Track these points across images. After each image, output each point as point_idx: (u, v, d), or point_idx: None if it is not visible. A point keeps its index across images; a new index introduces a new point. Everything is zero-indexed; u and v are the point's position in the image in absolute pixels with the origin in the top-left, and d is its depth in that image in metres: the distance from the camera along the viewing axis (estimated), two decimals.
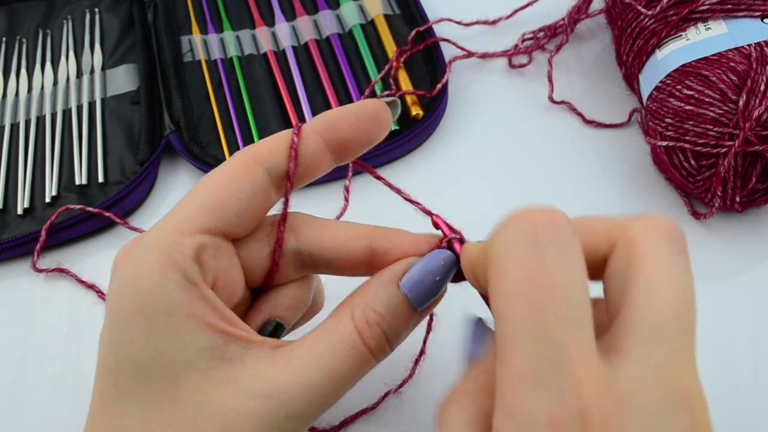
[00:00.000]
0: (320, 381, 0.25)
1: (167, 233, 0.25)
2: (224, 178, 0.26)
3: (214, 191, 0.26)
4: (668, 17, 0.43)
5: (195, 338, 0.24)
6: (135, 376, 0.24)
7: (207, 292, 0.25)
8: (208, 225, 0.25)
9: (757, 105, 0.38)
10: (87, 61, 0.53)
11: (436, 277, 0.27)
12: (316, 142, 0.27)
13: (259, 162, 0.26)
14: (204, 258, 0.25)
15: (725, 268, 0.42)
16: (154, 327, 0.24)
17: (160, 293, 0.24)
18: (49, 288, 0.44)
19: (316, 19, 0.54)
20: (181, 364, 0.24)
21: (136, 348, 0.24)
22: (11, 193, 0.46)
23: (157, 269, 0.24)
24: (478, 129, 0.49)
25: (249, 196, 0.26)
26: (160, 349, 0.24)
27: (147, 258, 0.24)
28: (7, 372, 0.40)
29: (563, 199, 0.45)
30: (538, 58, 0.52)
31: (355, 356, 0.25)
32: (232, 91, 0.50)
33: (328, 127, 0.27)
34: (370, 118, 0.27)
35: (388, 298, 0.26)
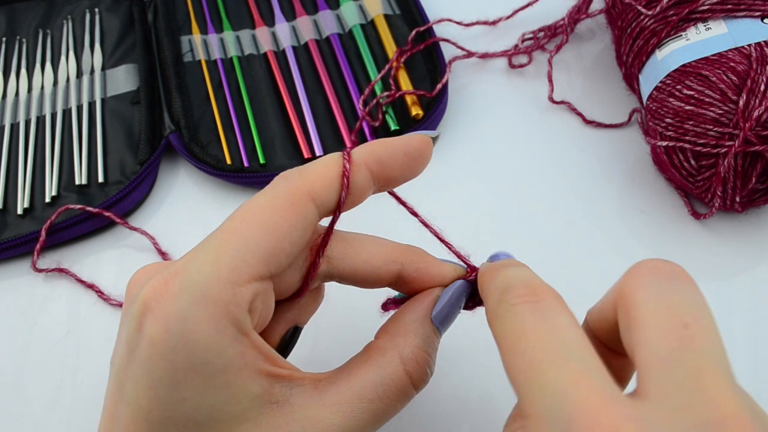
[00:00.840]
0: (368, 422, 0.26)
1: (222, 284, 0.23)
2: (277, 217, 0.24)
3: (268, 232, 0.24)
4: (668, 17, 0.43)
5: (248, 389, 0.24)
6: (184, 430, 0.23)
7: (256, 339, 0.24)
8: (261, 272, 0.24)
9: (757, 105, 0.38)
10: (87, 61, 0.53)
11: (458, 306, 0.29)
12: (365, 176, 0.27)
13: (311, 198, 0.25)
14: (255, 305, 0.24)
15: (725, 268, 0.42)
16: (209, 385, 0.23)
17: (216, 351, 0.23)
18: (49, 288, 0.44)
19: (316, 19, 0.54)
20: (235, 417, 0.24)
21: (189, 407, 0.23)
22: (11, 193, 0.46)
23: (213, 326, 0.23)
24: (478, 129, 0.49)
25: (301, 237, 0.25)
26: (215, 406, 0.23)
27: (202, 313, 0.23)
28: (7, 372, 0.40)
29: (563, 199, 0.45)
30: (538, 58, 0.52)
31: (403, 396, 0.26)
32: (232, 91, 0.50)
33: (379, 163, 0.27)
34: (417, 156, 0.28)
35: (428, 335, 0.27)
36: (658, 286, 0.22)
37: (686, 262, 0.42)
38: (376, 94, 0.49)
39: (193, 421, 0.23)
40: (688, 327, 0.20)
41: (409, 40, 0.50)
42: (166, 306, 0.23)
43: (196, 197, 0.47)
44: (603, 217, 0.44)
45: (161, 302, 0.23)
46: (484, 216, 0.45)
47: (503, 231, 0.44)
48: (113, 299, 0.42)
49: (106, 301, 0.42)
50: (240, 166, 0.46)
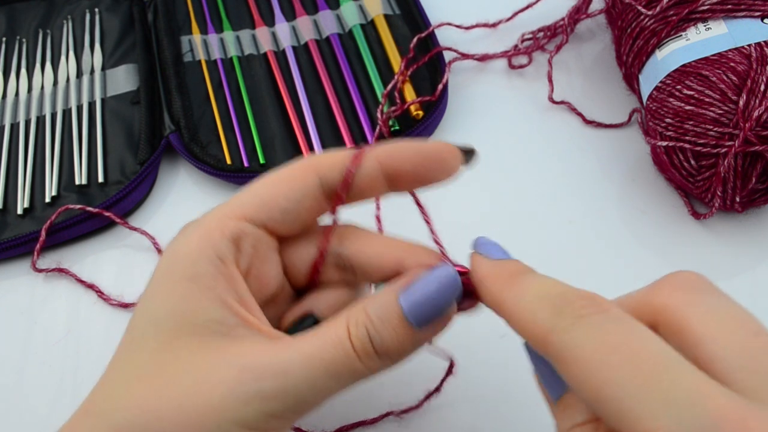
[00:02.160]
0: (300, 364, 0.25)
1: (215, 215, 0.27)
2: (279, 178, 0.28)
3: (267, 187, 0.28)
4: (668, 17, 0.43)
5: (207, 308, 0.26)
6: (147, 328, 0.26)
7: (233, 273, 0.27)
8: (252, 215, 0.27)
9: (757, 105, 0.38)
10: (87, 61, 0.53)
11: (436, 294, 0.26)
12: (372, 166, 0.28)
13: (314, 171, 0.28)
14: (242, 244, 0.27)
15: (725, 268, 0.42)
16: (175, 289, 0.26)
17: (189, 261, 0.26)
18: (49, 288, 0.44)
19: (316, 19, 0.54)
20: (187, 327, 0.25)
21: (155, 304, 0.26)
22: (11, 193, 0.46)
23: (195, 241, 0.26)
24: (478, 129, 0.49)
25: (297, 198, 0.28)
26: (173, 310, 0.26)
27: (191, 231, 0.27)
28: (7, 372, 0.40)
29: (563, 199, 0.45)
30: (538, 58, 0.52)
31: (339, 349, 0.25)
32: (232, 91, 0.50)
33: (387, 155, 0.28)
34: (430, 156, 0.28)
35: (381, 303, 0.26)
36: (708, 301, 0.22)
37: (686, 262, 0.42)
38: (378, 99, 0.49)
39: (153, 318, 0.26)
40: (759, 335, 0.21)
41: (411, 47, 0.50)
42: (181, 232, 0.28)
43: (196, 197, 0.47)
44: (603, 217, 0.44)
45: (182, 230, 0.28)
46: (484, 216, 0.45)
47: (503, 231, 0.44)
48: (113, 299, 0.42)
49: (106, 301, 0.42)
50: (240, 166, 0.46)
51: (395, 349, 0.26)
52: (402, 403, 0.37)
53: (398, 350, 0.26)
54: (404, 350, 0.26)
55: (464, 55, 0.51)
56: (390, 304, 0.26)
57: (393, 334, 0.26)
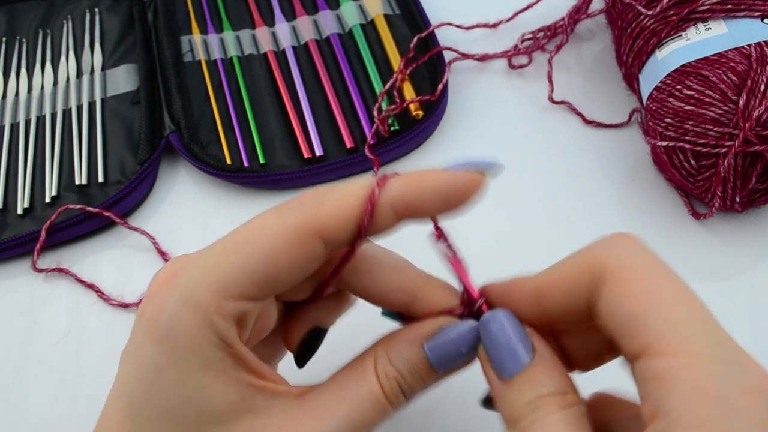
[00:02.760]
0: (342, 429, 0.25)
1: (208, 294, 0.24)
2: (277, 247, 0.24)
3: (265, 259, 0.24)
4: (668, 17, 0.43)
5: (225, 393, 0.24)
6: (162, 421, 0.24)
7: (241, 350, 0.25)
8: (252, 294, 0.24)
9: (757, 105, 0.38)
10: (87, 61, 0.53)
11: (461, 348, 0.26)
12: (387, 218, 0.25)
13: (320, 236, 0.24)
14: (246, 321, 0.25)
15: (725, 268, 0.42)
16: (187, 380, 0.24)
17: (195, 351, 0.24)
18: (49, 288, 0.44)
19: (316, 19, 0.54)
20: (210, 417, 0.24)
21: (167, 397, 0.24)
22: (11, 193, 0.46)
23: (195, 328, 0.24)
24: (478, 129, 0.49)
25: (301, 271, 0.25)
26: (191, 401, 0.24)
27: (185, 314, 0.24)
28: (7, 372, 0.40)
29: (563, 199, 0.45)
30: (538, 58, 0.52)
31: (377, 406, 0.26)
32: (232, 91, 0.50)
33: (407, 206, 0.24)
34: (458, 198, 0.24)
35: (409, 357, 0.26)
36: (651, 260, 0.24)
37: (686, 262, 0.42)
38: (377, 97, 0.49)
39: (169, 410, 0.24)
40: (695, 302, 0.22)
41: (411, 47, 0.50)
42: (162, 299, 0.24)
43: (196, 197, 0.47)
44: (603, 217, 0.44)
45: (160, 294, 0.25)
46: (484, 215, 0.45)
47: (503, 230, 0.44)
48: (113, 299, 0.42)
49: (106, 301, 0.42)
50: (240, 166, 0.46)
51: (422, 392, 0.27)
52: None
53: (424, 392, 0.27)
54: (428, 389, 0.27)
55: (464, 55, 0.51)
56: (418, 357, 0.26)
57: (421, 382, 0.26)
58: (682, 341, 0.20)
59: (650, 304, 0.21)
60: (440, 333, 0.26)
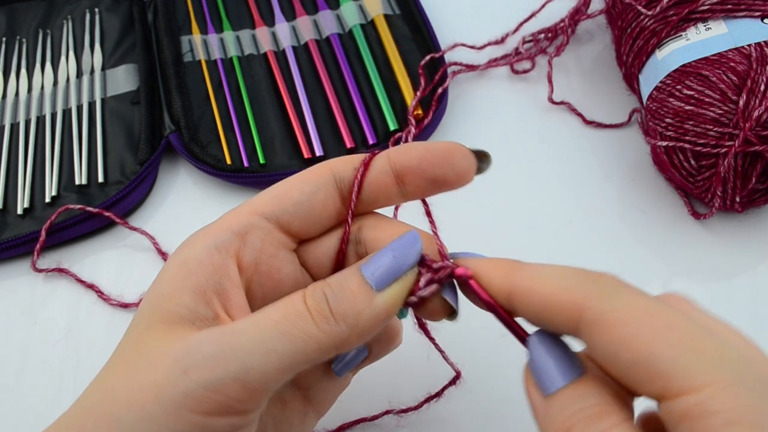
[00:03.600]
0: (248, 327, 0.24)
1: (232, 211, 0.28)
2: (295, 177, 0.29)
3: (282, 184, 0.29)
4: (668, 17, 0.43)
5: (182, 295, 0.26)
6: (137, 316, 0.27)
7: (225, 262, 0.27)
8: (263, 208, 0.28)
9: (757, 105, 0.38)
10: (87, 61, 0.53)
11: (391, 253, 0.26)
12: (382, 163, 0.28)
13: (329, 168, 0.28)
14: (250, 237, 0.27)
15: (725, 268, 0.42)
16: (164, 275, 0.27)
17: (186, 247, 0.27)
18: (49, 288, 0.44)
19: (316, 19, 0.54)
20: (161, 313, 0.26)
21: (148, 292, 0.27)
22: (11, 193, 0.46)
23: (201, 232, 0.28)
24: (478, 130, 0.49)
25: (311, 190, 0.28)
26: (157, 296, 0.27)
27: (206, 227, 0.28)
28: (7, 372, 0.40)
29: (563, 199, 0.45)
30: (539, 60, 0.52)
31: (290, 309, 0.25)
32: (232, 91, 0.50)
33: (397, 152, 0.28)
34: (439, 155, 0.28)
35: (343, 272, 0.26)
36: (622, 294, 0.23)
37: (686, 262, 0.42)
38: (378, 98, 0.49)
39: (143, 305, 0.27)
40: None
41: (420, 65, 0.49)
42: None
43: (196, 197, 0.47)
44: (603, 217, 0.44)
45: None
46: (484, 216, 0.45)
47: (503, 230, 0.44)
48: (113, 299, 0.42)
49: (106, 301, 0.42)
50: (240, 166, 0.46)
51: (352, 311, 0.25)
52: (402, 403, 0.37)
53: (355, 313, 0.25)
54: (361, 315, 0.25)
55: (469, 67, 0.51)
56: (351, 270, 0.26)
57: (350, 295, 0.25)
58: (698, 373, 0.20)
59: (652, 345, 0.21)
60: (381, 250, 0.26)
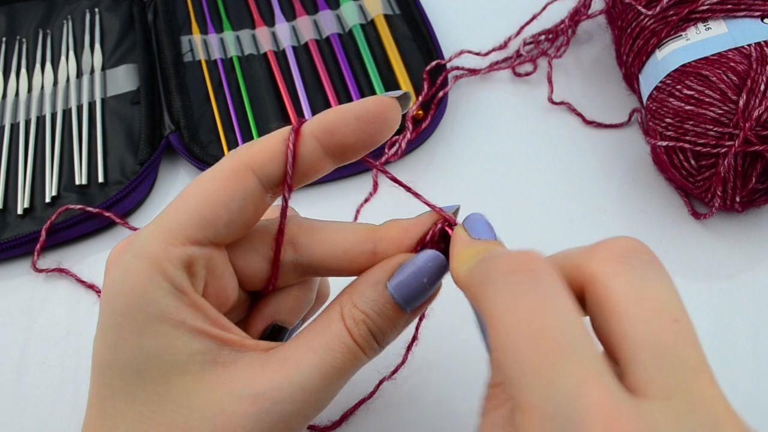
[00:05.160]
0: (314, 378, 0.25)
1: (156, 242, 0.25)
2: (214, 187, 0.25)
3: (204, 200, 0.25)
4: (668, 17, 0.43)
5: (186, 343, 0.24)
6: (128, 377, 0.25)
7: (197, 300, 0.25)
8: (197, 236, 0.25)
9: (757, 105, 0.38)
10: (87, 61, 0.53)
11: (423, 279, 0.26)
12: (313, 147, 0.26)
13: (251, 169, 0.25)
14: (195, 268, 0.25)
15: (725, 268, 0.42)
16: (145, 332, 0.24)
17: (149, 300, 0.24)
18: (49, 288, 0.44)
19: (316, 19, 0.54)
20: (173, 367, 0.24)
21: (128, 351, 0.25)
22: (11, 193, 0.46)
23: (146, 277, 0.24)
24: (479, 130, 0.49)
25: (240, 206, 0.25)
26: (152, 353, 0.24)
27: (136, 265, 0.25)
28: (7, 372, 0.40)
29: (563, 200, 0.45)
30: (539, 61, 0.52)
31: (347, 352, 0.25)
32: (232, 91, 0.50)
33: (327, 132, 0.26)
34: (373, 119, 0.26)
35: (374, 298, 0.26)
36: (635, 274, 0.21)
37: (686, 262, 0.42)
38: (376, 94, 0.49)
39: (133, 366, 0.24)
40: (678, 322, 0.20)
41: (426, 70, 0.49)
42: (117, 260, 0.26)
43: None
44: (603, 217, 0.44)
45: (116, 257, 0.26)
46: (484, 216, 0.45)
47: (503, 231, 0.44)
48: None
49: None
50: None
51: (392, 334, 0.27)
52: (389, 365, 0.37)
53: (394, 334, 0.27)
54: (398, 332, 0.27)
55: (471, 71, 0.51)
56: (382, 296, 0.26)
57: (391, 324, 0.26)
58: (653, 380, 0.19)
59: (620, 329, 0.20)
60: (400, 269, 0.26)
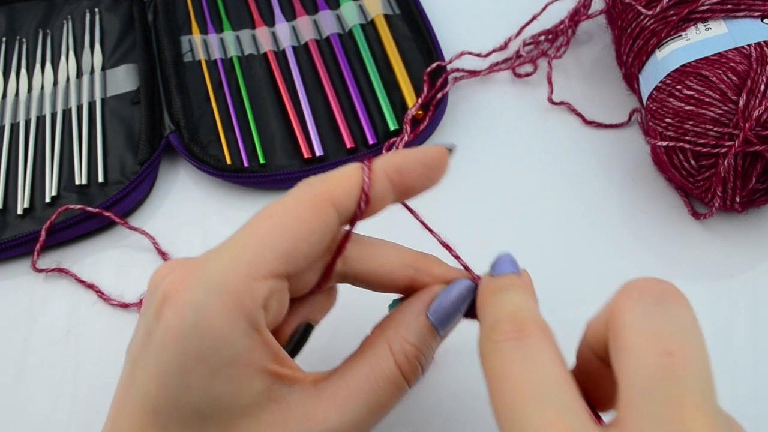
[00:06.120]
0: (364, 416, 0.26)
1: (237, 278, 0.24)
2: (297, 219, 0.25)
3: (287, 233, 0.25)
4: (668, 17, 0.43)
5: (251, 384, 0.24)
6: (188, 421, 0.24)
7: (267, 337, 0.25)
8: (278, 271, 0.24)
9: (757, 105, 0.38)
10: (87, 61, 0.53)
11: (458, 306, 0.28)
12: (384, 186, 0.27)
13: (332, 204, 0.25)
14: (270, 302, 0.25)
15: (725, 268, 0.42)
16: (216, 376, 0.23)
17: (226, 341, 0.23)
18: (49, 288, 0.44)
19: (316, 19, 0.54)
20: (237, 410, 0.24)
21: (194, 395, 0.24)
22: (11, 193, 0.46)
23: (226, 316, 0.23)
24: (478, 130, 0.49)
25: (320, 240, 0.25)
26: (219, 397, 0.24)
27: (216, 303, 0.23)
28: (7, 372, 0.40)
29: (563, 200, 0.45)
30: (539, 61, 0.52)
31: (396, 390, 0.27)
32: (232, 91, 0.50)
33: (398, 173, 0.27)
34: (435, 166, 0.28)
35: (419, 329, 0.27)
36: (644, 308, 0.22)
37: (686, 262, 0.42)
38: (378, 98, 0.49)
39: (197, 410, 0.24)
40: (671, 355, 0.20)
41: (426, 72, 0.48)
42: (185, 295, 0.24)
43: (196, 197, 0.47)
44: (603, 217, 0.44)
45: (180, 291, 0.24)
46: (484, 216, 0.45)
47: (503, 231, 0.44)
48: (113, 299, 0.42)
49: (106, 301, 0.42)
50: (240, 166, 0.46)
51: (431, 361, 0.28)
52: None
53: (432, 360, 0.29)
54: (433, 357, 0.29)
55: (471, 73, 0.51)
56: (425, 326, 0.27)
57: (432, 351, 0.28)
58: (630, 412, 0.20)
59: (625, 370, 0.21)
60: (439, 296, 0.28)
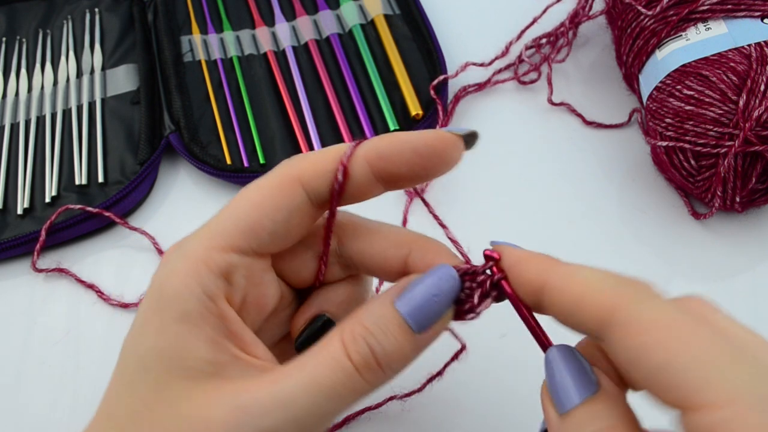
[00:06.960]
0: (298, 396, 0.23)
1: (201, 245, 0.25)
2: (261, 196, 0.26)
3: (250, 209, 0.25)
4: (668, 17, 0.43)
5: (197, 349, 0.24)
6: (137, 370, 0.25)
7: (224, 310, 0.25)
8: (239, 244, 0.25)
9: (757, 105, 0.38)
10: (87, 61, 0.53)
11: (434, 296, 0.25)
12: (363, 170, 0.25)
13: (300, 183, 0.25)
14: (234, 277, 0.25)
15: (725, 268, 0.42)
16: (165, 329, 0.25)
17: (177, 299, 0.25)
18: (49, 288, 0.44)
19: (316, 19, 0.54)
20: (178, 369, 0.24)
21: (144, 346, 0.25)
22: (11, 193, 0.46)
23: (181, 277, 0.25)
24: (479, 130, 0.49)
25: (285, 217, 0.25)
26: (163, 351, 0.25)
27: (177, 265, 0.25)
28: (7, 372, 0.40)
29: (564, 199, 0.45)
30: None
31: (338, 370, 0.24)
32: (232, 91, 0.50)
33: (379, 158, 0.25)
34: (430, 155, 0.25)
35: (380, 314, 0.24)
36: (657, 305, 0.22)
37: (686, 262, 0.42)
38: (378, 99, 0.49)
39: (144, 361, 0.25)
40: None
41: (432, 85, 0.48)
42: (167, 258, 0.26)
43: (196, 197, 0.47)
44: (603, 217, 0.44)
45: (167, 255, 0.26)
46: (484, 216, 0.45)
47: (503, 231, 0.44)
48: (113, 299, 0.42)
49: (106, 301, 0.42)
50: (240, 166, 0.46)
51: (398, 358, 0.25)
52: (405, 387, 0.37)
53: (400, 359, 0.25)
54: (406, 358, 0.25)
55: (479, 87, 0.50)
56: (388, 313, 0.24)
57: (394, 342, 0.24)
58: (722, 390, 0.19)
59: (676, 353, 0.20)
60: (411, 283, 0.25)
